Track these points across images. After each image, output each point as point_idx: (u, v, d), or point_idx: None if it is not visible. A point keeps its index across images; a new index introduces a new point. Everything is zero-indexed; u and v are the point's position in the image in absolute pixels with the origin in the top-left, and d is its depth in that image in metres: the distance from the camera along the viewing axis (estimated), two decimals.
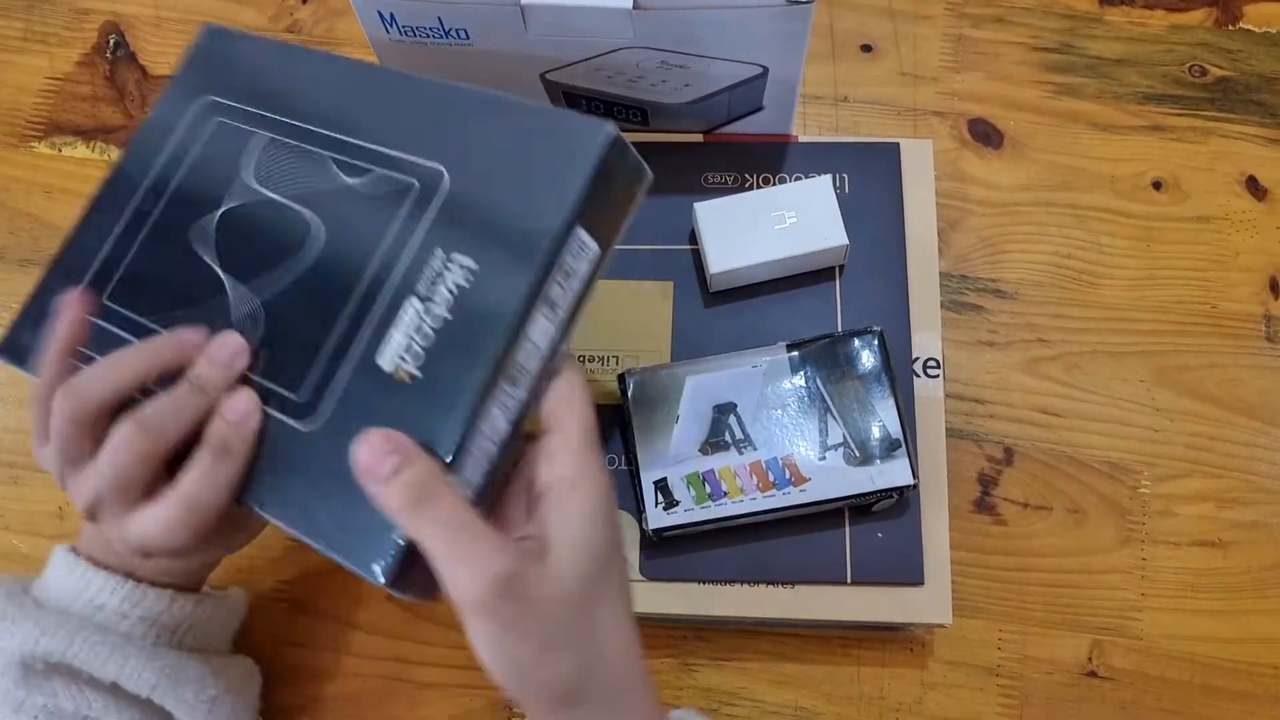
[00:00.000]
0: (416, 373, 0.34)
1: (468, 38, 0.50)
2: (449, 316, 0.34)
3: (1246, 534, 0.54)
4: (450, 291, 0.34)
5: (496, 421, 0.33)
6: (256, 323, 0.38)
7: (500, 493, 0.35)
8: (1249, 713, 0.51)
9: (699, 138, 0.58)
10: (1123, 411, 0.57)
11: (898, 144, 0.57)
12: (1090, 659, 0.52)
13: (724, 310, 0.54)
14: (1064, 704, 0.52)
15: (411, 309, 0.35)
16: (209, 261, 0.40)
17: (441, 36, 0.50)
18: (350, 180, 0.39)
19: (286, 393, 0.36)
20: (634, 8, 0.47)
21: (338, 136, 0.40)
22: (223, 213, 0.41)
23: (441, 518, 0.30)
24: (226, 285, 0.39)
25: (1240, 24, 0.66)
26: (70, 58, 0.68)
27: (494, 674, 0.32)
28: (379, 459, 0.31)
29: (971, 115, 0.64)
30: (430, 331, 0.34)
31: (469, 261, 0.34)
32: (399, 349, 0.34)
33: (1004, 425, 0.57)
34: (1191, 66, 0.64)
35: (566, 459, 0.33)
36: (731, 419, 0.49)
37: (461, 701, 0.53)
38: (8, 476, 0.58)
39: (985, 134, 0.63)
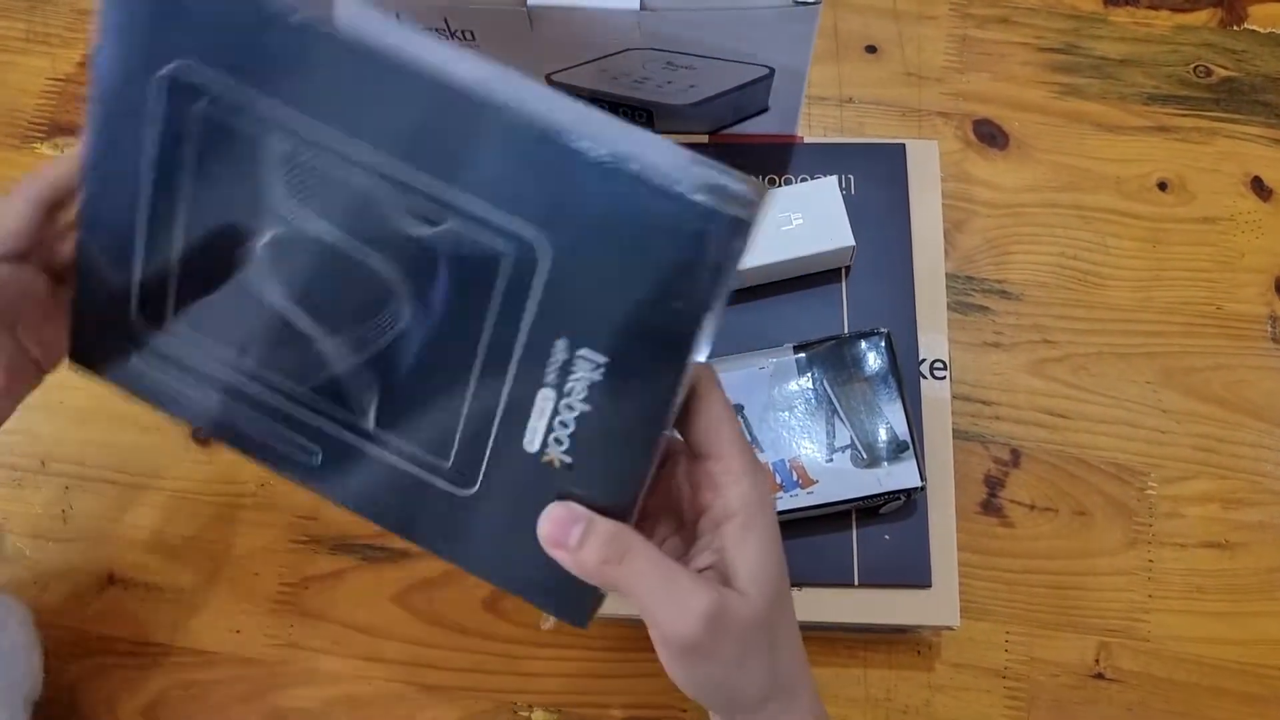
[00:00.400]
0: (568, 459, 0.33)
1: (474, 39, 0.50)
2: (588, 408, 0.33)
3: (1253, 535, 0.54)
4: (585, 384, 0.32)
5: (647, 484, 0.33)
6: (368, 382, 0.35)
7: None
8: (1257, 715, 0.51)
9: (704, 139, 0.58)
10: (1129, 413, 0.57)
11: (903, 145, 0.57)
12: (1097, 661, 0.52)
13: (730, 311, 0.53)
14: (1071, 706, 0.52)
15: (547, 401, 0.33)
16: (278, 299, 0.35)
17: (448, 38, 0.50)
18: (420, 230, 0.32)
19: (437, 460, 0.35)
20: (640, 9, 0.47)
21: (390, 160, 0.32)
22: (270, 240, 0.35)
23: (642, 568, 0.32)
24: (311, 332, 0.35)
25: (1245, 24, 0.65)
26: (72, 58, 0.68)
27: (683, 688, 0.35)
28: (563, 530, 0.33)
29: (976, 116, 0.63)
30: (571, 421, 0.33)
31: (600, 358, 0.32)
32: (543, 437, 0.33)
33: (1010, 427, 0.57)
34: (1196, 67, 0.64)
35: (735, 489, 0.34)
36: (739, 421, 0.49)
37: (468, 704, 0.53)
38: (10, 479, 0.58)
39: (990, 135, 0.63)
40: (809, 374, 0.50)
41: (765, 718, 0.35)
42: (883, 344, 0.50)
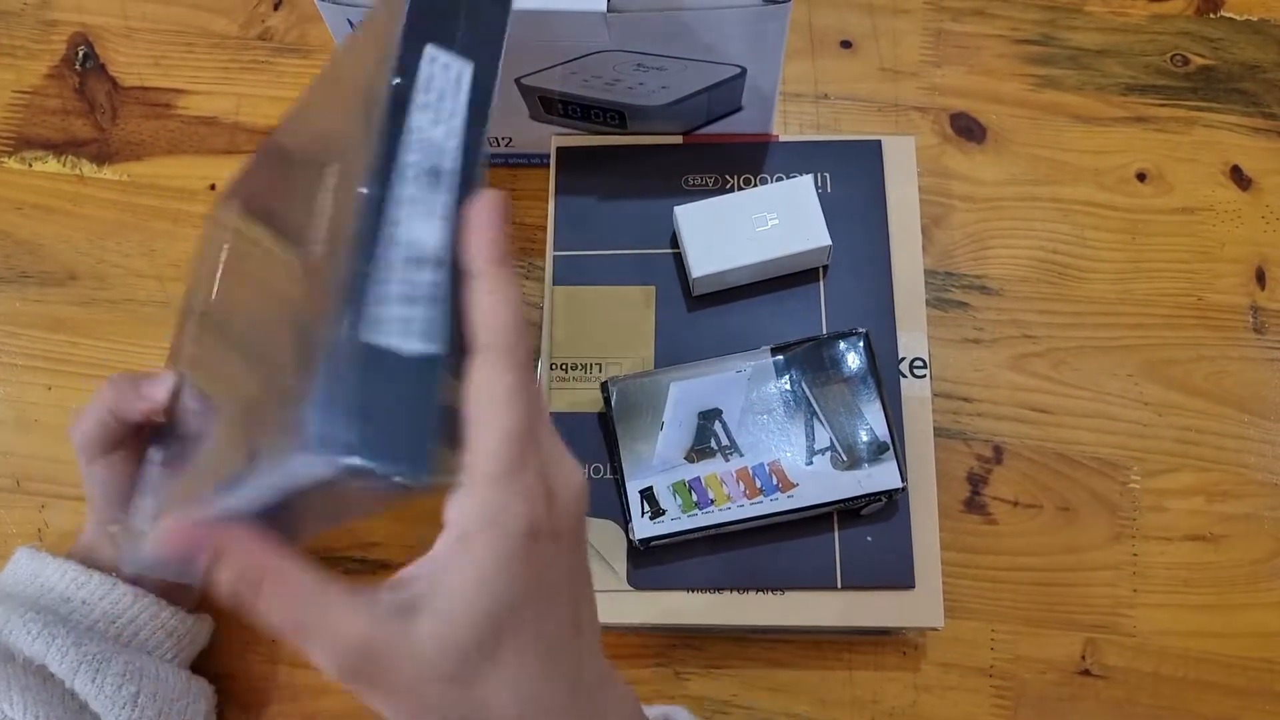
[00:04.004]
0: None
1: None
2: None
3: (1238, 527, 0.54)
4: None
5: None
6: None
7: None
8: (1243, 708, 0.51)
9: (678, 139, 0.57)
10: (1111, 406, 0.56)
11: (879, 141, 0.56)
12: (1083, 657, 0.52)
13: (707, 314, 0.53)
14: (1058, 703, 0.51)
15: None
16: None
17: None
18: None
19: None
20: (608, 10, 0.46)
21: None
22: None
23: (280, 602, 0.27)
24: None
25: (1221, 12, 0.65)
26: (38, 70, 0.67)
27: None
28: (185, 547, 0.28)
29: (953, 110, 0.63)
30: None
31: None
32: None
33: (992, 423, 0.56)
34: (1173, 56, 0.64)
35: (472, 495, 0.27)
36: (717, 425, 0.49)
37: None
38: None
39: (968, 128, 0.62)
40: (787, 376, 0.49)
41: None
42: (861, 344, 0.50)
